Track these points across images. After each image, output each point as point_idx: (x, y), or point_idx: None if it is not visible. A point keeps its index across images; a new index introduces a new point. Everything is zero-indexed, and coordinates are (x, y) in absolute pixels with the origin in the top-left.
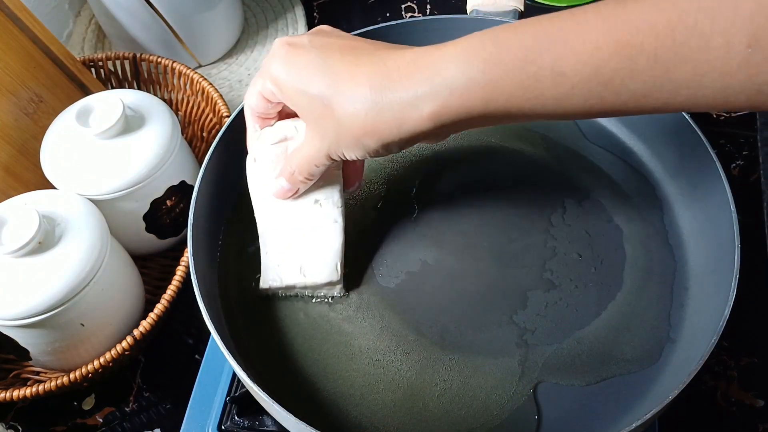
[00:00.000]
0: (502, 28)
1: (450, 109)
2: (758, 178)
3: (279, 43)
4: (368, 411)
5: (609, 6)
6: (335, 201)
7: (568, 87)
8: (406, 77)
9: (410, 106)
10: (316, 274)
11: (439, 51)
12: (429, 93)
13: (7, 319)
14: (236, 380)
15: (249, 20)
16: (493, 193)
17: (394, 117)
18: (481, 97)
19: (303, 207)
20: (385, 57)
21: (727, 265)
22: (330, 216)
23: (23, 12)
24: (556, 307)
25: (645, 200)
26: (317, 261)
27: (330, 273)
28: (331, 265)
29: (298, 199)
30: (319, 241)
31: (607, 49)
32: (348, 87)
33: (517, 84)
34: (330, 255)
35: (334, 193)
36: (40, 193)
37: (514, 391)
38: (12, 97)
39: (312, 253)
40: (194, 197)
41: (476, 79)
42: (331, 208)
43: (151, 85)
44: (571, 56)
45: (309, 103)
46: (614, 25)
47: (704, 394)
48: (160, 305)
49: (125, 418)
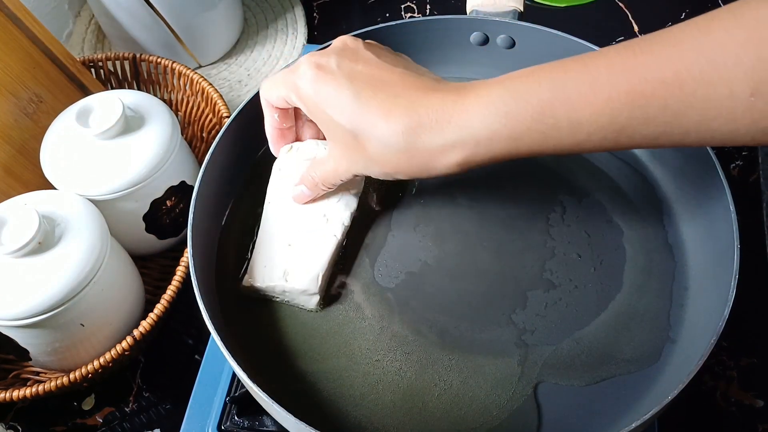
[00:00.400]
0: (520, 78)
1: (476, 156)
2: (758, 178)
3: (306, 64)
4: (368, 411)
5: (620, 56)
6: (343, 219)
7: (584, 135)
8: (438, 127)
9: (440, 153)
10: (296, 280)
11: (466, 102)
12: (457, 143)
13: (7, 319)
14: (236, 380)
15: (249, 20)
16: (493, 193)
17: (424, 161)
18: (506, 146)
19: (310, 219)
20: (417, 102)
21: (726, 265)
22: (331, 231)
23: (23, 12)
24: (555, 307)
25: (645, 200)
26: (301, 268)
27: (309, 282)
28: (312, 274)
29: (307, 212)
30: (309, 250)
31: (619, 100)
32: (382, 129)
33: (538, 133)
34: (315, 265)
35: (344, 213)
36: (40, 193)
37: (514, 391)
38: (12, 97)
39: (299, 259)
40: (194, 197)
41: (499, 131)
42: (336, 224)
43: (151, 86)
44: (586, 108)
45: (339, 131)
46: (625, 77)
47: (704, 394)
48: (160, 305)
49: (125, 418)
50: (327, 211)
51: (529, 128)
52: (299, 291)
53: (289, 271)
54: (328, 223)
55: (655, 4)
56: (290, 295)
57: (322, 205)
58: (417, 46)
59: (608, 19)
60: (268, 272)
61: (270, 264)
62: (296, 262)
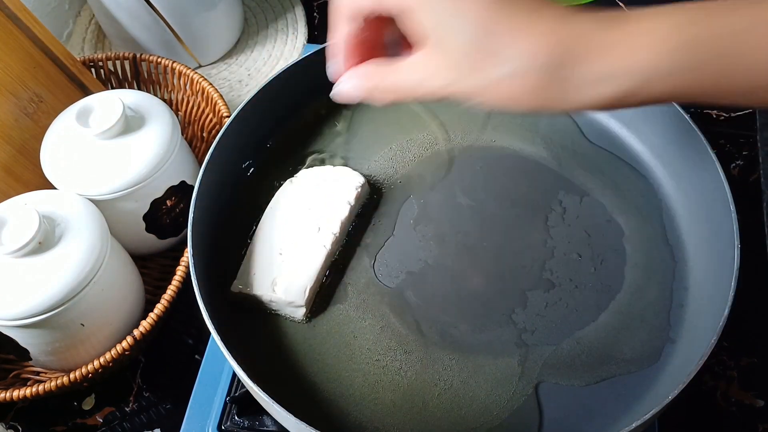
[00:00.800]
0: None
1: (631, 96)
2: (758, 178)
3: None
4: (368, 411)
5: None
6: (333, 230)
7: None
8: (592, 53)
9: (588, 85)
10: (283, 292)
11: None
12: (614, 76)
13: (7, 319)
14: (236, 380)
15: (249, 20)
16: (493, 193)
17: (563, 91)
18: (670, 86)
19: (302, 228)
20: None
21: (727, 265)
22: (321, 241)
23: (23, 12)
24: (555, 307)
25: (645, 200)
26: (289, 279)
27: (296, 294)
28: (300, 287)
29: (301, 221)
30: (299, 261)
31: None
32: (523, 45)
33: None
34: (303, 277)
35: (335, 222)
36: (40, 193)
37: (514, 390)
38: (12, 97)
39: (288, 271)
40: (194, 197)
41: (665, 70)
42: (327, 234)
43: (151, 85)
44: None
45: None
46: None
47: (704, 394)
48: (160, 305)
49: (125, 418)
50: (320, 221)
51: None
52: (286, 302)
53: (278, 282)
54: (319, 232)
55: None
56: (277, 305)
57: (316, 214)
58: None
59: None
60: (257, 280)
61: (259, 272)
62: (285, 273)
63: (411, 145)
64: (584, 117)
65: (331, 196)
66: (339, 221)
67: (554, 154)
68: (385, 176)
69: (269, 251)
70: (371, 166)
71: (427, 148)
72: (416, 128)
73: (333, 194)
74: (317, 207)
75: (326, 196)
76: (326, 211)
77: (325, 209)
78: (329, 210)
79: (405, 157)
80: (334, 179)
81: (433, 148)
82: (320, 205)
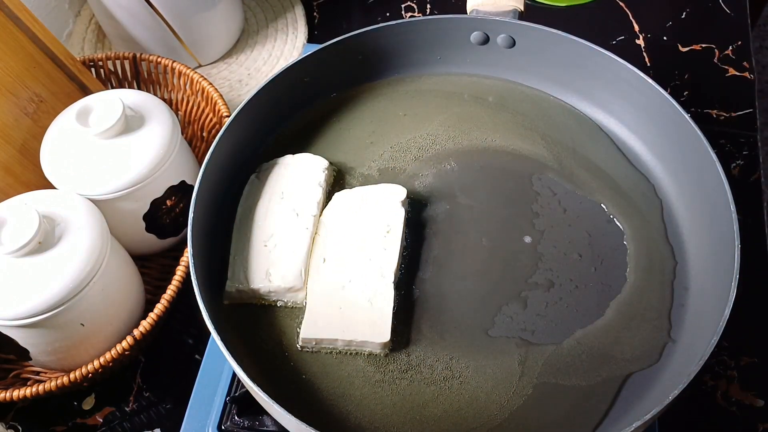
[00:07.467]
0: None
1: None
2: (758, 178)
3: None
4: (368, 411)
5: None
6: (312, 211)
7: None
8: None
9: None
10: (280, 279)
11: None
12: None
13: (7, 319)
14: (236, 380)
15: (249, 20)
16: (493, 193)
17: None
18: None
19: (280, 216)
20: None
21: (727, 265)
22: (303, 224)
23: (23, 12)
24: (556, 306)
25: (645, 200)
26: (283, 267)
27: (293, 279)
28: (296, 271)
29: (277, 210)
30: (286, 247)
31: None
32: None
33: None
34: (296, 261)
35: (312, 205)
36: (40, 193)
37: (514, 390)
38: (12, 97)
39: (279, 258)
40: (194, 197)
41: None
42: (306, 217)
43: (151, 85)
44: None
45: None
46: None
47: (704, 394)
48: (160, 305)
49: (125, 418)
50: (296, 207)
51: None
52: (285, 289)
53: (272, 272)
54: (298, 217)
55: (655, 4)
56: (276, 294)
57: (291, 201)
58: (417, 45)
59: (609, 18)
60: (251, 275)
61: (250, 267)
62: (276, 262)
63: (411, 145)
64: (584, 117)
65: (301, 181)
66: (315, 203)
67: (554, 154)
68: (385, 176)
69: (255, 245)
70: (371, 165)
71: (427, 148)
72: (416, 128)
73: (302, 180)
74: (290, 194)
75: (296, 182)
76: (300, 196)
77: (298, 195)
78: (303, 195)
79: (405, 156)
80: (298, 166)
81: (433, 148)
82: (292, 192)
